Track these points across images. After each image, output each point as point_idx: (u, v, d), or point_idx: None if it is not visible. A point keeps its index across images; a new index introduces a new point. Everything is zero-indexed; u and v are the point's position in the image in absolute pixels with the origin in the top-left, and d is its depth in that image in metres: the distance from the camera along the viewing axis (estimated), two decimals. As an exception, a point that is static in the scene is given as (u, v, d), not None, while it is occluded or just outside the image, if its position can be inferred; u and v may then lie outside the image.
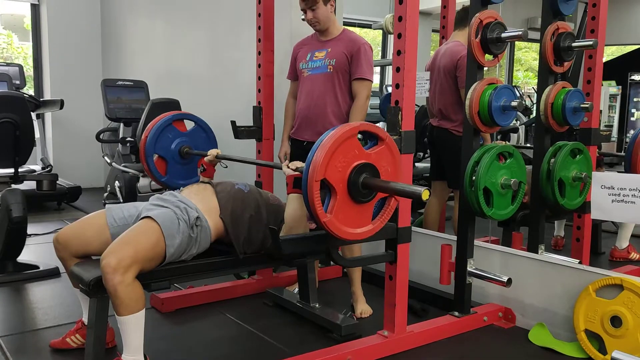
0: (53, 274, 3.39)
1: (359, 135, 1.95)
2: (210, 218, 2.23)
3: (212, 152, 2.64)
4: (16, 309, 2.93)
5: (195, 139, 2.93)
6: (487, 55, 2.53)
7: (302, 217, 2.27)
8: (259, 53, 3.09)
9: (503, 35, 2.47)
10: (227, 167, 2.76)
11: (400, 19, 2.21)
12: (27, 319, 2.80)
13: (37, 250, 3.91)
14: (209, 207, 2.26)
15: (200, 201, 2.26)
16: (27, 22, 7.56)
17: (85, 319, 2.33)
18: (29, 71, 6.94)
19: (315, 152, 1.83)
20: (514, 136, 5.46)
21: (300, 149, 2.94)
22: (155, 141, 2.82)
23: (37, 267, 3.42)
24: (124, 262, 1.91)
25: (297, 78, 2.99)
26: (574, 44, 2.83)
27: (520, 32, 2.44)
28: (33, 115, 3.98)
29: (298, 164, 2.23)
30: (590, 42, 2.78)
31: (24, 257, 3.46)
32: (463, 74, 2.88)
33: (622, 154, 4.48)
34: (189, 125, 2.97)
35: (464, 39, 3.13)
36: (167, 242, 2.06)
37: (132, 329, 1.96)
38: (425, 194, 1.77)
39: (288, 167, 2.23)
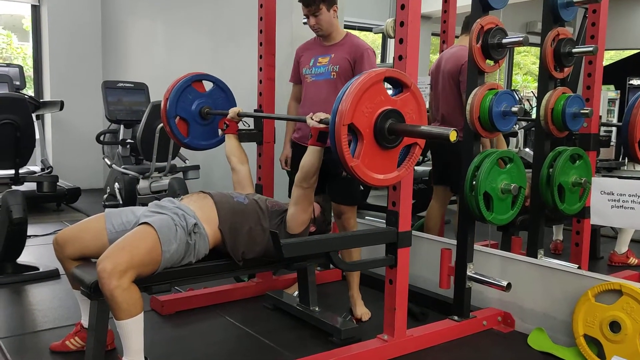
0: (53, 275, 3.39)
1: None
2: (208, 227, 2.23)
3: (234, 110, 2.79)
4: (16, 311, 2.93)
5: (214, 99, 2.99)
6: (488, 60, 2.54)
7: (317, 169, 2.29)
8: (260, 56, 3.10)
9: (504, 41, 2.49)
10: (249, 125, 2.90)
11: (402, 24, 2.21)
12: (27, 321, 2.80)
13: (36, 251, 3.91)
14: (208, 216, 2.26)
15: (199, 209, 2.26)
16: (26, 23, 7.56)
17: (84, 322, 2.33)
18: (28, 72, 6.94)
19: (342, 98, 1.86)
20: (512, 140, 5.47)
21: (302, 153, 2.94)
22: (176, 103, 2.86)
23: (37, 269, 3.42)
24: (119, 267, 1.91)
25: (299, 81, 2.99)
26: (574, 50, 2.85)
27: (521, 38, 2.45)
28: (33, 116, 3.99)
29: (322, 115, 2.27)
30: (591, 49, 2.80)
31: (24, 258, 3.46)
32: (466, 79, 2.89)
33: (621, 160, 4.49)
34: (207, 86, 3.01)
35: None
36: (163, 247, 2.06)
37: (131, 333, 1.96)
38: (453, 135, 1.79)
39: (312, 119, 2.27)
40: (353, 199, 2.85)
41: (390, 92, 2.03)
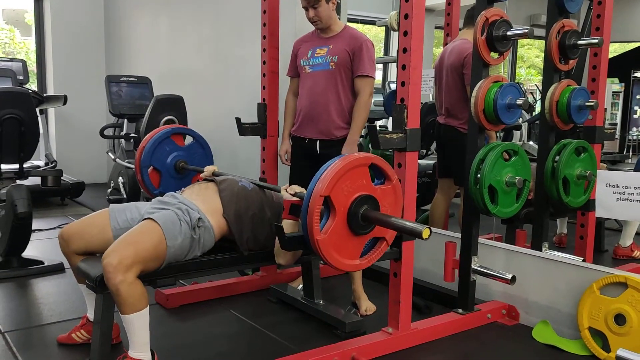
0: (58, 269, 3.41)
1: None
2: (213, 218, 2.23)
3: (209, 169, 2.66)
4: (21, 305, 2.94)
5: (191, 155, 2.92)
6: (492, 53, 2.53)
7: None
8: (264, 50, 3.09)
9: (509, 33, 2.47)
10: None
11: (406, 16, 2.21)
12: (33, 315, 2.81)
13: (41, 245, 3.92)
14: (212, 207, 2.26)
15: (202, 202, 2.26)
16: (28, 17, 7.56)
17: (89, 315, 2.34)
18: (31, 66, 6.94)
19: (325, 170, 1.83)
20: (516, 133, 5.46)
21: (301, 147, 2.94)
22: (152, 153, 2.81)
23: (42, 263, 3.43)
24: (125, 262, 1.92)
25: (297, 75, 2.99)
26: (579, 42, 2.83)
27: (525, 30, 2.44)
28: (37, 111, 3.99)
29: (297, 188, 2.21)
30: (596, 40, 2.79)
31: (29, 252, 3.47)
32: (470, 72, 2.88)
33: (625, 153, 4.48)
34: (187, 140, 2.97)
35: (471, 37, 3.13)
36: (168, 243, 2.06)
37: (137, 327, 1.97)
38: (425, 233, 1.75)
39: (287, 192, 2.21)
40: None
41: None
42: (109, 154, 4.82)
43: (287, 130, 3.04)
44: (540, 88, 3.06)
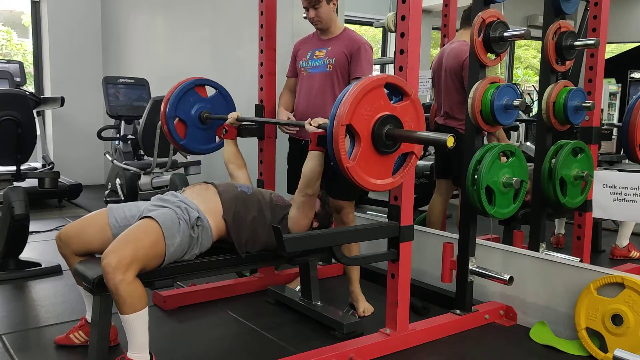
0: (55, 271, 3.40)
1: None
2: (212, 218, 2.23)
3: (233, 115, 2.80)
4: (19, 307, 2.93)
5: (215, 105, 2.98)
6: (489, 54, 2.54)
7: (320, 174, 2.29)
8: (261, 51, 3.09)
9: (505, 34, 2.48)
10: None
11: (403, 18, 2.21)
12: (30, 317, 2.80)
13: (38, 247, 3.92)
14: (211, 207, 2.26)
15: (202, 202, 2.26)
16: (25, 19, 7.54)
17: (88, 317, 2.34)
18: (28, 68, 6.93)
19: (342, 99, 1.86)
20: (513, 134, 5.47)
21: (299, 148, 2.94)
22: (177, 104, 2.86)
23: (39, 265, 3.42)
24: (124, 261, 1.92)
25: (296, 75, 2.99)
26: (576, 43, 2.84)
27: (522, 32, 2.45)
28: (34, 112, 3.98)
29: (321, 120, 2.26)
30: (592, 41, 2.79)
31: (26, 254, 3.47)
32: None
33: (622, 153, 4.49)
34: (210, 92, 3.01)
35: (469, 38, 3.13)
36: (167, 241, 2.06)
37: (136, 327, 1.97)
38: (450, 140, 1.79)
39: (311, 125, 2.26)
40: (351, 194, 2.85)
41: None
42: (107, 155, 4.82)
43: (282, 106, 3.00)
44: (537, 89, 3.06)
